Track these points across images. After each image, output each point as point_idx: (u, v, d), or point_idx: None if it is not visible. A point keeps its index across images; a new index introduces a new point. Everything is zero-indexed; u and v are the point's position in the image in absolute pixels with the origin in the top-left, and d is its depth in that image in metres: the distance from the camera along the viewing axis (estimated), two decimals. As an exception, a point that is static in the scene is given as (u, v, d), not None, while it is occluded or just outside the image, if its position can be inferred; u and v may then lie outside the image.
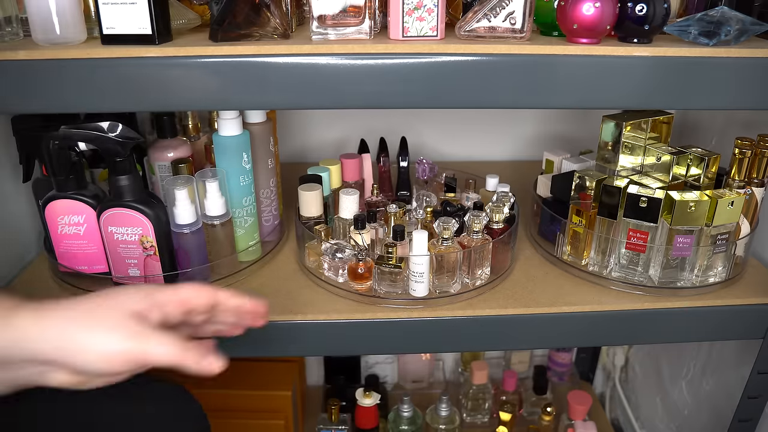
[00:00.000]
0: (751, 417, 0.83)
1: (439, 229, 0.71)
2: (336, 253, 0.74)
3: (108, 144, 0.65)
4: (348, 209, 0.78)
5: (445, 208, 0.81)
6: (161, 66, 0.56)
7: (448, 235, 0.71)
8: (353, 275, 0.73)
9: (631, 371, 1.32)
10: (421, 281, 0.71)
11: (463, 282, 0.75)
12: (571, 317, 0.74)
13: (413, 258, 0.70)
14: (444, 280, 0.73)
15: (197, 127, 0.91)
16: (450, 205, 0.81)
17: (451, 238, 0.72)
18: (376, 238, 0.77)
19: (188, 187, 0.70)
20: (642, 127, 0.80)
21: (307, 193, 0.79)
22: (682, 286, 0.76)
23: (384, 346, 0.75)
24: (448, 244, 0.72)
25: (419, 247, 0.70)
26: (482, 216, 0.73)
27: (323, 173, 0.83)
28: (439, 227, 0.71)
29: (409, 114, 1.16)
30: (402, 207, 0.81)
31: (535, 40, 0.62)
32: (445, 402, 1.14)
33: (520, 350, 1.30)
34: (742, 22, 0.59)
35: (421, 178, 0.94)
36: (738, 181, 0.77)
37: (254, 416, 1.08)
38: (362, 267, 0.72)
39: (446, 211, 0.80)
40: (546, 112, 1.19)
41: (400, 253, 0.72)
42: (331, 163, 0.85)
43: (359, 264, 0.72)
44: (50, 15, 0.56)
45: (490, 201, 0.80)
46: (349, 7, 0.59)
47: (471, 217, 0.73)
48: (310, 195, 0.79)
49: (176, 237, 0.72)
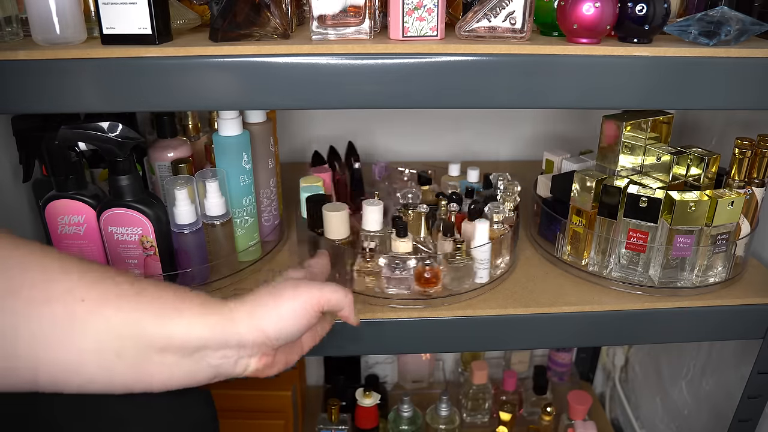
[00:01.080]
0: (751, 417, 0.83)
1: (490, 214, 0.77)
2: (400, 265, 0.72)
3: (108, 144, 0.65)
4: (374, 221, 0.74)
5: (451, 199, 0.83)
6: (161, 66, 0.56)
7: (498, 218, 0.77)
8: (422, 281, 0.72)
9: (631, 371, 1.33)
10: (486, 267, 0.75)
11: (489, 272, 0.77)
12: (571, 317, 0.74)
13: (480, 248, 0.73)
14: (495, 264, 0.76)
15: (197, 127, 0.91)
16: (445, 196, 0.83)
17: (500, 221, 0.77)
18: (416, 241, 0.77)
19: (188, 187, 0.70)
20: (642, 127, 0.80)
21: (334, 213, 0.73)
22: (682, 286, 0.76)
23: (384, 346, 0.75)
24: (500, 227, 0.77)
25: (481, 236, 0.74)
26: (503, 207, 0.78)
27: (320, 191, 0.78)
28: (489, 213, 0.77)
29: (409, 114, 1.16)
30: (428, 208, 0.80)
31: (535, 40, 0.62)
32: (445, 402, 1.14)
33: (520, 350, 1.31)
34: (742, 22, 0.59)
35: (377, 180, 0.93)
36: (738, 181, 0.77)
37: (254, 416, 1.08)
38: (429, 272, 0.72)
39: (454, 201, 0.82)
40: (546, 112, 1.19)
41: (449, 247, 0.74)
42: (312, 180, 0.80)
43: (426, 269, 0.72)
44: (50, 15, 0.56)
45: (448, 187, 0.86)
46: (349, 7, 0.59)
47: (491, 207, 0.77)
48: (337, 215, 0.73)
49: (176, 237, 0.72)
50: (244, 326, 0.51)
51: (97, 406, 0.51)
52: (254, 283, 0.78)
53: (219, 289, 0.76)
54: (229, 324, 0.50)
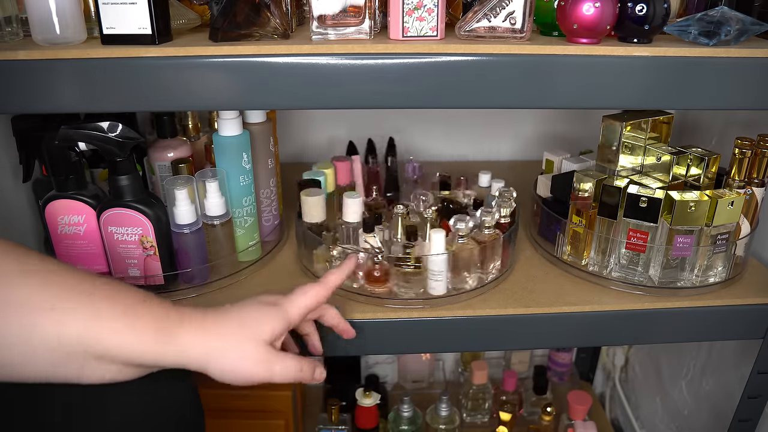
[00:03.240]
0: (751, 417, 0.83)
1: (456, 227, 0.73)
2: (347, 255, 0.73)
3: (108, 144, 0.65)
4: (353, 212, 0.77)
5: (447, 207, 0.81)
6: (161, 66, 0.56)
7: (464, 232, 0.73)
8: (370, 278, 0.73)
9: (631, 371, 1.33)
10: (439, 279, 0.72)
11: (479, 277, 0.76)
12: (571, 317, 0.74)
13: (432, 257, 0.71)
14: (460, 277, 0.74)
15: (197, 127, 0.91)
16: (452, 203, 0.82)
17: (466, 235, 0.73)
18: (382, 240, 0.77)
19: (188, 187, 0.70)
20: (642, 127, 0.80)
21: (310, 198, 0.77)
22: (682, 286, 0.76)
23: (384, 346, 0.75)
24: (463, 242, 0.73)
25: (437, 245, 0.71)
26: (493, 211, 0.75)
27: (320, 177, 0.81)
28: (454, 225, 0.73)
29: (409, 114, 1.16)
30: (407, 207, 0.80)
31: (535, 40, 0.62)
32: (445, 402, 1.14)
33: (520, 350, 1.31)
34: (742, 22, 0.59)
35: (411, 178, 0.94)
36: (738, 181, 0.77)
37: (254, 416, 1.08)
38: (378, 270, 0.72)
39: (450, 209, 0.80)
40: (546, 112, 1.19)
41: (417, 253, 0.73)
42: (325, 167, 0.84)
43: (375, 267, 0.72)
44: (50, 15, 0.56)
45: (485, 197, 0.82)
46: (349, 7, 0.59)
47: (483, 213, 0.75)
48: (313, 200, 0.77)
49: (176, 237, 0.72)
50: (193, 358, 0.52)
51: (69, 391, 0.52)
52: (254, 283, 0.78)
53: (219, 289, 0.76)
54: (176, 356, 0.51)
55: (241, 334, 0.54)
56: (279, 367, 0.55)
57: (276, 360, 0.55)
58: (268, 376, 0.54)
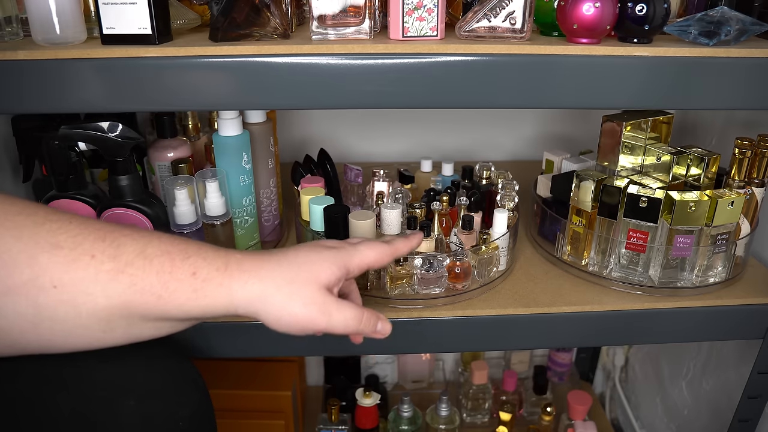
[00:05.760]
0: (751, 417, 0.83)
1: (503, 202, 0.79)
2: (432, 262, 0.72)
3: (108, 144, 0.65)
4: (393, 223, 0.73)
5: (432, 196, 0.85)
6: (161, 66, 0.56)
7: (511, 206, 0.80)
8: (453, 276, 0.73)
9: (631, 371, 1.33)
10: (505, 254, 0.78)
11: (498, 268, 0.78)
12: (571, 317, 0.74)
13: (500, 237, 0.76)
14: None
15: (197, 127, 0.91)
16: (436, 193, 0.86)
17: (512, 209, 0.80)
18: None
19: (188, 187, 0.70)
20: (642, 127, 0.80)
21: (360, 222, 0.70)
22: (682, 286, 0.76)
23: (384, 346, 0.75)
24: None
25: (501, 224, 0.77)
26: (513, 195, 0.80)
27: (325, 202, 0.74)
28: (502, 200, 0.79)
29: (409, 114, 1.17)
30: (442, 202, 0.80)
31: (535, 40, 0.62)
32: (445, 402, 1.14)
33: (520, 350, 1.31)
34: (742, 22, 0.59)
35: (352, 183, 0.91)
36: (738, 181, 0.77)
37: (254, 416, 1.08)
38: (459, 266, 0.73)
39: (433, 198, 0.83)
40: (546, 112, 1.19)
41: (471, 241, 0.76)
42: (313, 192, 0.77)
43: (455, 263, 0.73)
44: (50, 15, 0.56)
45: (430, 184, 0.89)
46: (349, 7, 0.59)
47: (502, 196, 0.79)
48: (365, 224, 0.70)
49: (176, 237, 0.72)
50: (241, 308, 0.49)
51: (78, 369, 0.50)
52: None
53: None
54: (226, 304, 0.48)
55: (295, 277, 0.50)
56: (338, 314, 0.50)
57: (335, 307, 0.51)
58: (324, 322, 0.50)
